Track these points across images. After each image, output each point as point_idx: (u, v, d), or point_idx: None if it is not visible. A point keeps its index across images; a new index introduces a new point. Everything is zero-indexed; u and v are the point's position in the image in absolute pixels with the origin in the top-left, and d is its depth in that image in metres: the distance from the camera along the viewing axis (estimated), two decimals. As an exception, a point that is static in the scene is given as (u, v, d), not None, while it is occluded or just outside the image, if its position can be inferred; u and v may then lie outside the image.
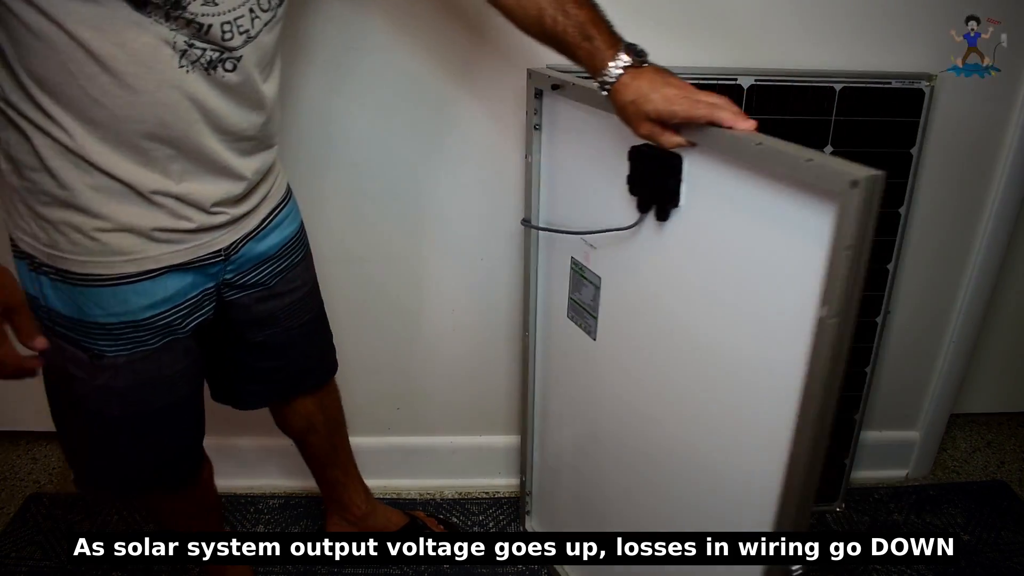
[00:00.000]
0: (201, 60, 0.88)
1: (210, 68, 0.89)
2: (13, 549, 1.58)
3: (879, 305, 1.53)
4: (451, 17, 1.33)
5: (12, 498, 1.74)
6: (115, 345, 0.99)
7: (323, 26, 1.33)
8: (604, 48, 0.92)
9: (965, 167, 1.51)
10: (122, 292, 0.96)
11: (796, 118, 1.36)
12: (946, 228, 1.57)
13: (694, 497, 1.14)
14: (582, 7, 0.95)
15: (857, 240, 0.72)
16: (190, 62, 0.87)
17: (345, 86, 1.38)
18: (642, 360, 1.14)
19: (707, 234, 0.95)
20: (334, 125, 1.41)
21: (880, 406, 1.76)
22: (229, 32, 0.88)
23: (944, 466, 1.90)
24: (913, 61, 1.38)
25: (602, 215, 1.13)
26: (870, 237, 0.73)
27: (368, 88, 1.38)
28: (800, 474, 0.89)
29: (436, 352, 1.66)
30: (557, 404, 1.46)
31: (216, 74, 0.90)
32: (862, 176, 0.70)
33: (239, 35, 0.90)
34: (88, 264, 0.94)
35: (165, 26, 0.84)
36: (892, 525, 1.70)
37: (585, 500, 1.43)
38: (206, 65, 0.89)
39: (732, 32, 1.36)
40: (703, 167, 0.93)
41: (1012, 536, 1.67)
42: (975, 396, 2.00)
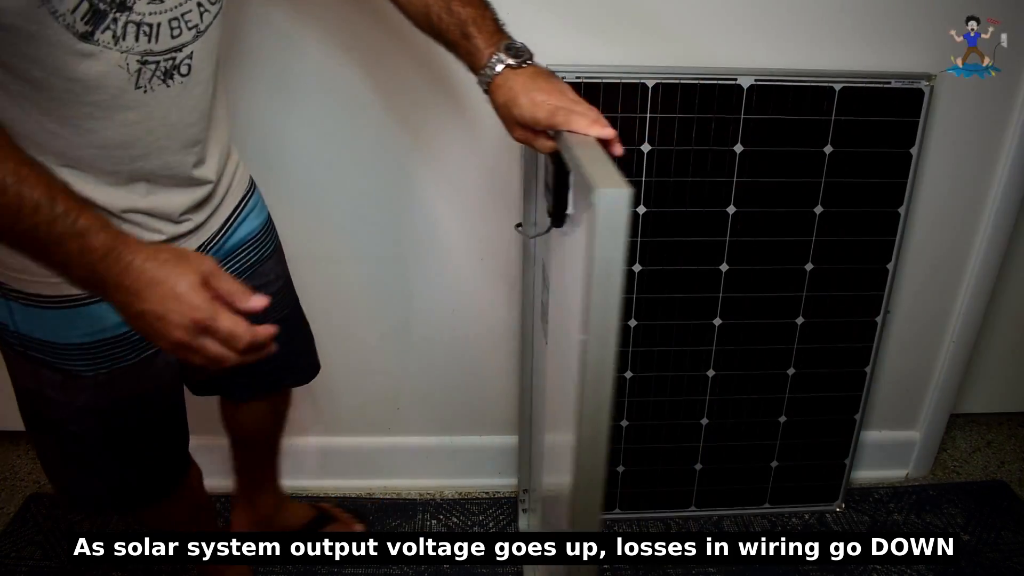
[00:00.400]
0: (157, 74, 0.86)
1: (167, 79, 0.87)
2: (13, 549, 1.58)
3: (879, 305, 1.54)
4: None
5: (12, 498, 1.74)
6: (92, 364, 0.97)
7: (311, 27, 1.33)
8: (482, 47, 0.92)
9: (965, 167, 1.51)
10: (97, 310, 0.94)
11: (796, 118, 1.36)
12: (946, 228, 1.57)
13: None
14: (467, 5, 0.94)
15: (602, 254, 0.68)
16: (147, 80, 0.85)
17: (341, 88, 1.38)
18: (561, 375, 1.10)
19: (579, 242, 0.90)
20: (325, 125, 1.42)
21: (880, 406, 1.76)
22: (177, 28, 0.86)
23: (944, 466, 1.90)
24: (913, 61, 1.38)
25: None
26: (614, 254, 0.68)
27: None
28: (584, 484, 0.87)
29: (436, 353, 1.66)
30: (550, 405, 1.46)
31: (174, 83, 0.88)
32: (598, 190, 0.66)
33: (188, 30, 0.87)
34: (60, 286, 0.90)
35: (115, 50, 0.81)
36: (892, 525, 1.70)
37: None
38: (163, 77, 0.87)
39: (732, 32, 1.36)
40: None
41: (1012, 536, 1.67)
42: (975, 396, 1.99)
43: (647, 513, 1.69)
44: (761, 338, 1.53)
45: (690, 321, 1.50)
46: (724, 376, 1.56)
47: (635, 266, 1.44)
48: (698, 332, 1.51)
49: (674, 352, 1.52)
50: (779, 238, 1.45)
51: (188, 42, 0.88)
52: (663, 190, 1.39)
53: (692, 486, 1.66)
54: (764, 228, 1.44)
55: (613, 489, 1.65)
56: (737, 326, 1.51)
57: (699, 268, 1.45)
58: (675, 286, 1.46)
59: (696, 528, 1.68)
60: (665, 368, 1.54)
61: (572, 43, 1.35)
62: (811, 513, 1.73)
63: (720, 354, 1.53)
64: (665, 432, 1.60)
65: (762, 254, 1.46)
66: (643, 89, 1.32)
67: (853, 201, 1.43)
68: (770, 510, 1.72)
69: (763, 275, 1.47)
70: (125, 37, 0.80)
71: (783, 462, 1.67)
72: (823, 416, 1.63)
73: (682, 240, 1.43)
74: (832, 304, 1.52)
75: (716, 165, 1.38)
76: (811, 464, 1.68)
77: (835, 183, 1.41)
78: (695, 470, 1.65)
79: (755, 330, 1.52)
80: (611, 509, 1.68)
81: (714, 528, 1.68)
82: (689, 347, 1.52)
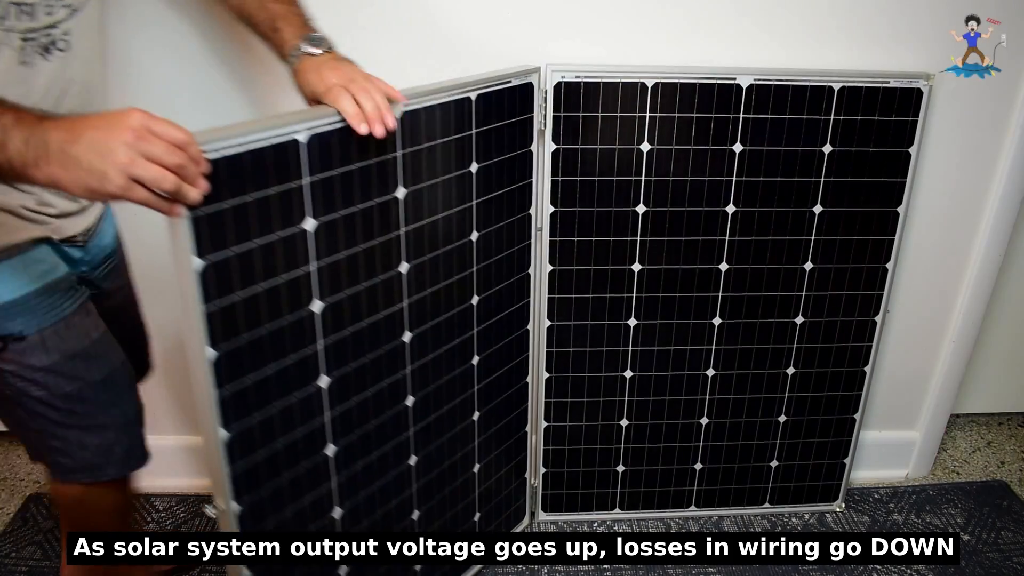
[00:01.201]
0: (36, 48, 0.91)
1: (45, 52, 0.92)
2: (13, 549, 1.58)
3: (878, 304, 1.54)
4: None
5: (12, 498, 1.74)
6: (31, 320, 0.99)
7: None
8: (288, 39, 1.02)
9: (965, 167, 1.51)
10: (17, 263, 0.97)
11: (795, 118, 1.36)
12: (946, 228, 1.57)
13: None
14: (278, 2, 1.06)
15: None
16: (28, 55, 0.90)
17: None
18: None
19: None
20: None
21: (880, 406, 1.76)
22: (51, 7, 0.91)
23: (944, 466, 1.90)
24: (913, 61, 1.39)
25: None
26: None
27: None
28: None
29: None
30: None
31: (52, 57, 0.93)
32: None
33: (62, 8, 0.92)
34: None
35: (1, 29, 0.86)
36: (892, 525, 1.70)
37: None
38: (41, 51, 0.91)
39: (731, 32, 1.36)
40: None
41: (1012, 536, 1.67)
42: (975, 396, 2.00)
43: (647, 513, 1.69)
44: (760, 338, 1.53)
45: (689, 320, 1.50)
46: (724, 376, 1.56)
47: (635, 265, 1.44)
48: (697, 331, 1.51)
49: (673, 351, 1.52)
50: (778, 237, 1.45)
51: (63, 19, 0.93)
52: (662, 189, 1.39)
53: (692, 486, 1.67)
54: (763, 227, 1.44)
55: (613, 489, 1.65)
56: (736, 325, 1.51)
57: (698, 267, 1.46)
58: (674, 285, 1.47)
59: (696, 528, 1.68)
60: (664, 367, 1.54)
61: (572, 43, 1.35)
62: (811, 513, 1.73)
63: (719, 353, 1.54)
64: (665, 432, 1.60)
65: (761, 253, 1.46)
66: (642, 88, 1.32)
67: (852, 200, 1.44)
68: (770, 510, 1.72)
69: (762, 274, 1.47)
70: (7, 17, 0.86)
71: (783, 462, 1.67)
72: (823, 416, 1.63)
73: (681, 239, 1.43)
74: (831, 303, 1.52)
75: (715, 165, 1.38)
76: (811, 464, 1.68)
77: (834, 183, 1.41)
78: (695, 470, 1.65)
79: (754, 329, 1.52)
80: (611, 509, 1.68)
81: (714, 528, 1.68)
82: (688, 346, 1.52)
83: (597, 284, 1.45)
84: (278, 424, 1.06)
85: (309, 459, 1.14)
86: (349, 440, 1.19)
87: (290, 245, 0.98)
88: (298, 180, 0.95)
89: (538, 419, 1.56)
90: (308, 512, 1.22)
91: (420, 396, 1.29)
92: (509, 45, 1.35)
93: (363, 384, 1.17)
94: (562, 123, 1.33)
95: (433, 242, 1.20)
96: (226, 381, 0.96)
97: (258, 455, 1.05)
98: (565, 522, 1.68)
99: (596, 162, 1.36)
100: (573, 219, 1.40)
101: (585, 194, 1.38)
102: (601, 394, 1.55)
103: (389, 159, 1.06)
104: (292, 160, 0.94)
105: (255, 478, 1.07)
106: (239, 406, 0.99)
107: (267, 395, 1.03)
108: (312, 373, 1.08)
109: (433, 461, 1.39)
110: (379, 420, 1.23)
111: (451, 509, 1.50)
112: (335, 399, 1.13)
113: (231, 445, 0.99)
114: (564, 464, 1.61)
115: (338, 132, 0.97)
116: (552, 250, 1.42)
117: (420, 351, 1.25)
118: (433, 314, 1.25)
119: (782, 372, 1.57)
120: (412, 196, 1.13)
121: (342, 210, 1.02)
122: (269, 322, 0.99)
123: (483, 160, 1.24)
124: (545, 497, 1.65)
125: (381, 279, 1.13)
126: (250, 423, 1.01)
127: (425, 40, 1.34)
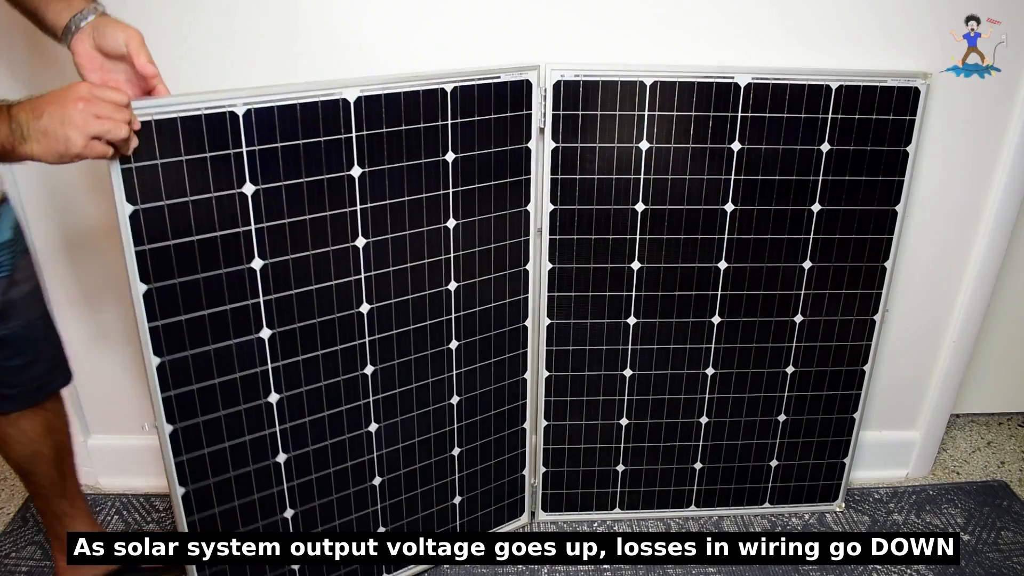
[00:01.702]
0: None
1: None
2: (13, 549, 1.58)
3: (877, 303, 1.54)
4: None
5: (12, 498, 1.74)
6: None
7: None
8: (75, 6, 1.05)
9: (965, 167, 1.51)
10: None
11: (793, 116, 1.36)
12: (945, 227, 1.57)
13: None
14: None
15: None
16: None
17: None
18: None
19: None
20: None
21: (880, 406, 1.76)
22: None
23: (944, 466, 1.90)
24: (913, 61, 1.39)
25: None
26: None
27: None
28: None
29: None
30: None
31: None
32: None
33: None
34: None
35: None
36: (892, 525, 1.69)
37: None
38: None
39: (729, 31, 1.36)
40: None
41: (1012, 536, 1.67)
42: (975, 396, 2.00)
43: (647, 513, 1.69)
44: (760, 336, 1.53)
45: (689, 319, 1.50)
46: (723, 375, 1.56)
47: (634, 264, 1.44)
48: (697, 330, 1.51)
49: (673, 350, 1.52)
50: (777, 236, 1.45)
51: None
52: (661, 188, 1.39)
53: (692, 486, 1.66)
54: (762, 226, 1.44)
55: (613, 489, 1.65)
56: (736, 324, 1.51)
57: (697, 266, 1.46)
58: (674, 284, 1.47)
59: (696, 528, 1.68)
60: (664, 366, 1.54)
61: (572, 42, 1.35)
62: (811, 513, 1.72)
63: (719, 352, 1.54)
64: (665, 431, 1.60)
65: (760, 252, 1.46)
66: (641, 87, 1.32)
67: (851, 199, 1.44)
68: (770, 510, 1.72)
69: (761, 273, 1.48)
70: None
71: (783, 461, 1.67)
72: (822, 415, 1.63)
73: (680, 238, 1.43)
74: (830, 302, 1.52)
75: (714, 163, 1.38)
76: (811, 464, 1.68)
77: (832, 181, 1.42)
78: (695, 469, 1.65)
79: (753, 328, 1.52)
80: (611, 509, 1.68)
81: (714, 528, 1.68)
82: (688, 345, 1.52)
83: (596, 282, 1.45)
84: (215, 363, 1.20)
85: (249, 405, 1.26)
86: (290, 393, 1.29)
87: (227, 205, 1.12)
88: (239, 148, 1.09)
89: (538, 418, 1.56)
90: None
91: (381, 367, 1.35)
92: (510, 45, 1.35)
93: (310, 345, 1.27)
94: (561, 121, 1.33)
95: (398, 223, 1.26)
96: (160, 316, 1.12)
97: (198, 410, 1.20)
98: (565, 522, 1.68)
99: (595, 160, 1.37)
100: (573, 217, 1.40)
101: (584, 192, 1.38)
102: (601, 393, 1.55)
103: (342, 138, 1.16)
104: (232, 129, 1.08)
105: (190, 407, 1.21)
106: (171, 339, 1.14)
107: (203, 336, 1.17)
108: (253, 328, 1.21)
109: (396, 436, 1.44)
110: (327, 381, 1.32)
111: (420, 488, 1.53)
112: (275, 353, 1.25)
113: (161, 370, 1.15)
114: (564, 463, 1.61)
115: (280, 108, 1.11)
116: (552, 248, 1.42)
117: (381, 323, 1.32)
118: (399, 291, 1.32)
119: (781, 371, 1.57)
120: (370, 176, 1.21)
121: (284, 181, 1.15)
122: (203, 272, 1.13)
123: (463, 151, 1.27)
124: (545, 497, 1.65)
125: (333, 249, 1.23)
126: (185, 357, 1.16)
127: (425, 40, 1.35)
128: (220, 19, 1.31)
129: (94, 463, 1.74)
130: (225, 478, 1.27)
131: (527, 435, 1.57)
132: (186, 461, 1.22)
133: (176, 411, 1.18)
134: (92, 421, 1.72)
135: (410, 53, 1.36)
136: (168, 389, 1.16)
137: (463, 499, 1.58)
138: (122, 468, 1.74)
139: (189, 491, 1.24)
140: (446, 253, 1.34)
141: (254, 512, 1.34)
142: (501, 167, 1.33)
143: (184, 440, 1.21)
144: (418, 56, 1.36)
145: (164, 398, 1.16)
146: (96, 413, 1.70)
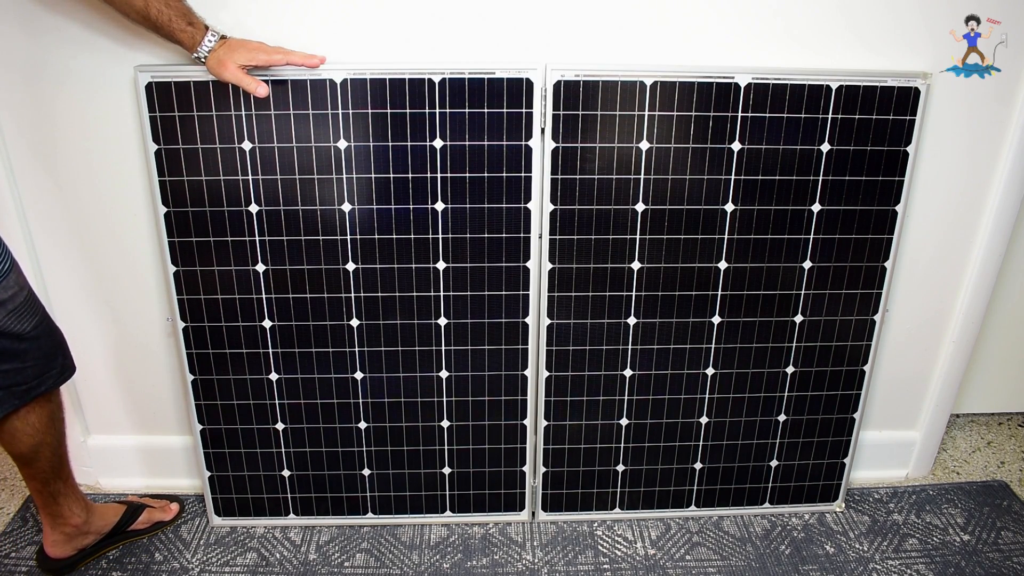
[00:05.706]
0: None
1: None
2: (13, 549, 1.58)
3: (877, 303, 1.54)
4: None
5: (12, 498, 1.74)
6: None
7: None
8: (203, 29, 1.24)
9: (965, 167, 1.51)
10: None
11: (793, 116, 1.36)
12: (945, 227, 1.57)
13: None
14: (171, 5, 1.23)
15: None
16: None
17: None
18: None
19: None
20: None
21: (880, 406, 1.76)
22: None
23: (944, 466, 1.90)
24: (913, 61, 1.39)
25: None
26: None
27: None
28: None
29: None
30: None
31: None
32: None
33: None
34: None
35: None
36: (892, 525, 1.69)
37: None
38: None
39: (729, 30, 1.36)
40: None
41: (1012, 536, 1.67)
42: (975, 396, 2.00)
43: (647, 512, 1.68)
44: (760, 336, 1.53)
45: (689, 319, 1.50)
46: (723, 374, 1.56)
47: (634, 264, 1.44)
48: (697, 330, 1.51)
49: (673, 350, 1.52)
50: (777, 236, 1.45)
51: None
52: (661, 188, 1.39)
53: (692, 485, 1.66)
54: (762, 226, 1.44)
55: (613, 488, 1.65)
56: (736, 324, 1.51)
57: (697, 266, 1.46)
58: (674, 284, 1.47)
59: (696, 528, 1.68)
60: (664, 366, 1.54)
61: (571, 42, 1.35)
62: (811, 513, 1.72)
63: (719, 352, 1.54)
64: (665, 431, 1.60)
65: (760, 252, 1.46)
66: (641, 87, 1.32)
67: (851, 199, 1.44)
68: (770, 510, 1.72)
69: (761, 273, 1.47)
70: None
71: (783, 461, 1.67)
72: (822, 415, 1.63)
73: (680, 238, 1.43)
74: (830, 302, 1.52)
75: (714, 163, 1.38)
76: (811, 463, 1.68)
77: (832, 181, 1.42)
78: (695, 469, 1.65)
79: (754, 328, 1.52)
80: (611, 508, 1.67)
81: (714, 528, 1.68)
82: (688, 345, 1.52)
83: (596, 282, 1.45)
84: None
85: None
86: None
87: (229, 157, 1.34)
88: (239, 110, 1.32)
89: (538, 418, 1.56)
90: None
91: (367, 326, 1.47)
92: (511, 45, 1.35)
93: (298, 286, 1.44)
94: (562, 121, 1.33)
95: (383, 196, 1.38)
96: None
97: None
98: (565, 522, 1.68)
99: (595, 160, 1.37)
100: (573, 217, 1.40)
101: (585, 192, 1.38)
102: (601, 393, 1.55)
103: (328, 113, 1.33)
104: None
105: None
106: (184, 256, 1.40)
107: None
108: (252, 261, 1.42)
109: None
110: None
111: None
112: (269, 286, 1.44)
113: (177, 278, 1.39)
114: (564, 463, 1.61)
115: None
116: (552, 248, 1.42)
117: (366, 283, 1.44)
118: (384, 258, 1.43)
119: (781, 371, 1.57)
120: (355, 150, 1.35)
121: (278, 143, 1.34)
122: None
123: (453, 140, 1.35)
124: (545, 496, 1.65)
125: (321, 209, 1.39)
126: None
127: (426, 40, 1.35)
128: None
129: (94, 463, 1.74)
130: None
131: (527, 434, 1.57)
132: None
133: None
134: (92, 421, 1.72)
135: (410, 49, 1.36)
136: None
137: (456, 494, 1.57)
138: (122, 468, 1.74)
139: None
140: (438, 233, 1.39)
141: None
142: (497, 160, 1.35)
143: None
144: (416, 53, 1.36)
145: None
146: (96, 413, 1.71)
